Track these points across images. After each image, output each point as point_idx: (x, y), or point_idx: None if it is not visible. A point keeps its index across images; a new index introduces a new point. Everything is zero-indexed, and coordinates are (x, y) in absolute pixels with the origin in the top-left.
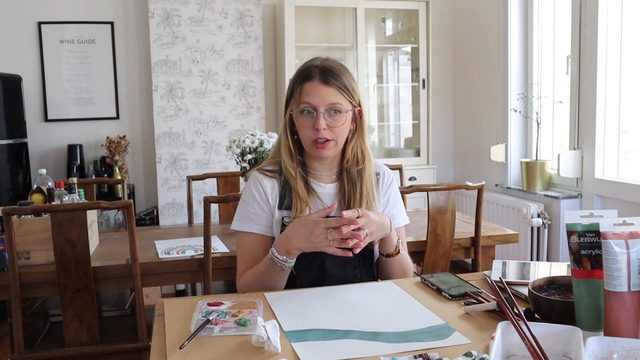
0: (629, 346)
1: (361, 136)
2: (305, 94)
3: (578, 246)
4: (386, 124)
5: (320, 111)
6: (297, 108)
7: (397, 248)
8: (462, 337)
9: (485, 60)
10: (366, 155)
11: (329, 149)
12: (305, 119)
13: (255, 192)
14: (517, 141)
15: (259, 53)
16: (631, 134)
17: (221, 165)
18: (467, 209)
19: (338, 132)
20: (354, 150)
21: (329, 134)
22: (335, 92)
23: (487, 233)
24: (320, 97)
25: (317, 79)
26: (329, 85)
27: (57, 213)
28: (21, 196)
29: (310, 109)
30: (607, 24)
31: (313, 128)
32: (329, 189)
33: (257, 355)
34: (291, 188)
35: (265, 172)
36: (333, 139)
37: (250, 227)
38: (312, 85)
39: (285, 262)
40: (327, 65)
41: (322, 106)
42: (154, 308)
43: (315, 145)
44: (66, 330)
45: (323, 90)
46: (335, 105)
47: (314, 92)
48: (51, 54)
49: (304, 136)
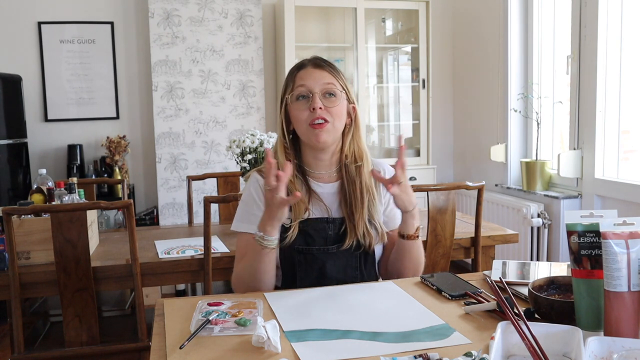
0: (629, 346)
1: (357, 133)
2: (300, 79)
3: (578, 246)
4: (386, 124)
5: (315, 92)
6: (293, 94)
7: (417, 231)
8: (462, 337)
9: (485, 60)
10: (363, 152)
11: (327, 132)
12: (300, 103)
13: (254, 193)
14: (517, 141)
15: (259, 53)
16: (631, 134)
17: (221, 165)
18: (467, 209)
19: (334, 114)
20: (351, 146)
21: (325, 115)
22: (328, 75)
23: (487, 233)
24: (315, 79)
25: (310, 65)
26: (322, 68)
27: (57, 213)
28: (21, 196)
29: (305, 93)
30: (607, 24)
31: (309, 109)
32: (329, 188)
33: (257, 355)
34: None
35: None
36: (330, 121)
37: (248, 228)
38: (306, 70)
39: (263, 240)
40: (319, 57)
41: (317, 87)
42: (154, 308)
43: (312, 127)
44: (66, 330)
45: (317, 73)
46: (330, 87)
47: (308, 76)
48: (51, 54)
49: (300, 121)
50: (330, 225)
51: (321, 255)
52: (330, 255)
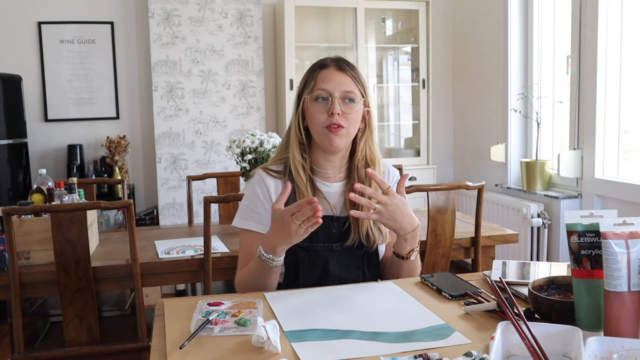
0: (629, 346)
1: (370, 137)
2: (321, 81)
3: (578, 246)
4: (386, 124)
5: (335, 96)
6: (312, 94)
7: (409, 254)
8: (462, 337)
9: (485, 60)
10: (376, 156)
11: (341, 136)
12: (319, 105)
13: (259, 190)
14: (517, 141)
15: (259, 53)
16: (631, 134)
17: (221, 165)
18: (467, 209)
19: (351, 120)
20: (364, 150)
21: (342, 121)
22: (350, 80)
23: (487, 233)
24: (336, 83)
25: (333, 66)
26: (344, 72)
27: (57, 213)
28: (21, 196)
29: (325, 95)
30: (607, 24)
31: (327, 113)
32: (335, 188)
33: (257, 355)
34: (295, 188)
35: (270, 172)
36: (346, 127)
37: (252, 225)
38: (328, 72)
39: (273, 261)
40: (342, 57)
41: (338, 92)
42: (154, 308)
43: (329, 129)
44: (66, 330)
45: (339, 76)
46: (350, 94)
47: (330, 79)
48: (51, 54)
49: (316, 123)
50: (334, 223)
51: (325, 252)
52: (334, 253)
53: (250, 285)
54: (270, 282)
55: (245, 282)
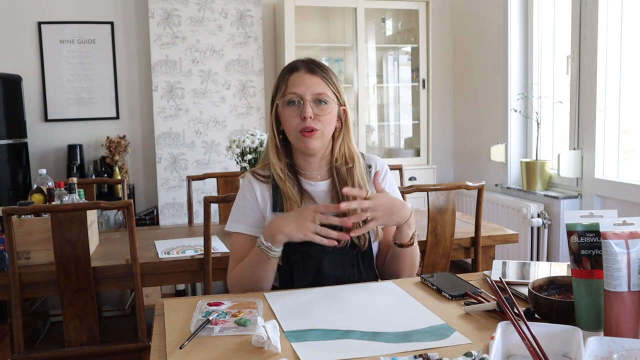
0: (629, 346)
1: (347, 135)
2: (292, 84)
3: (578, 246)
4: (386, 124)
5: (306, 99)
6: (284, 99)
7: (411, 239)
8: (462, 337)
9: (485, 60)
10: (354, 153)
11: (316, 139)
12: (291, 109)
13: (247, 193)
14: (517, 141)
15: (259, 53)
16: (631, 134)
17: (221, 165)
18: (467, 209)
19: (325, 122)
20: (341, 149)
21: (315, 124)
22: (320, 82)
23: (487, 233)
24: (307, 86)
25: (303, 69)
26: (314, 74)
27: (57, 213)
28: (21, 196)
29: (296, 99)
30: (607, 24)
31: (300, 117)
32: (322, 187)
33: (257, 355)
34: (280, 192)
35: (258, 176)
36: (319, 129)
37: (241, 228)
38: (299, 75)
39: (270, 250)
40: (312, 59)
41: (309, 94)
42: (154, 308)
43: (302, 134)
44: (66, 330)
45: (309, 79)
46: (321, 95)
47: (301, 82)
48: (51, 54)
49: (290, 127)
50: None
51: (317, 254)
52: (327, 254)
53: (246, 280)
54: (266, 275)
55: (240, 277)
